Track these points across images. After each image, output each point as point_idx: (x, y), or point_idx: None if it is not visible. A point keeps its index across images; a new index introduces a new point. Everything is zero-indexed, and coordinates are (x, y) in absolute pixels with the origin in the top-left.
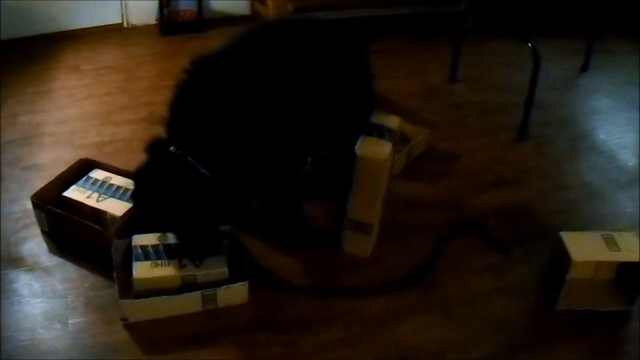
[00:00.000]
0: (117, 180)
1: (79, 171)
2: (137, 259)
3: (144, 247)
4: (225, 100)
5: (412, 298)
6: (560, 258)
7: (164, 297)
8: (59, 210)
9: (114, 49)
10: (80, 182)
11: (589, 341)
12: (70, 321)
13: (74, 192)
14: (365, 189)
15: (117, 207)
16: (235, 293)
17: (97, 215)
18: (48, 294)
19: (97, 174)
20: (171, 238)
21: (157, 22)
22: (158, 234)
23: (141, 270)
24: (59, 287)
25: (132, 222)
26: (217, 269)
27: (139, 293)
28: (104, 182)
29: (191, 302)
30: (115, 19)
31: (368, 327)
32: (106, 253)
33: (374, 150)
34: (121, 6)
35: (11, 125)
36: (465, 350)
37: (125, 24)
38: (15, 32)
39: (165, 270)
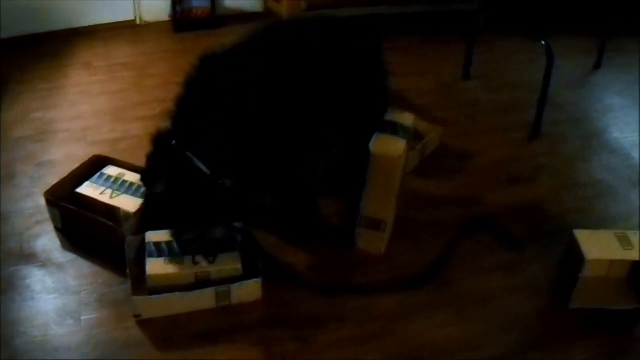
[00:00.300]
0: (131, 176)
1: (92, 168)
2: (150, 256)
3: (157, 244)
4: (229, 99)
5: (424, 296)
6: (574, 256)
7: (178, 293)
8: (72, 207)
9: (126, 46)
10: (94, 178)
11: (602, 340)
12: (83, 317)
13: (87, 189)
14: (379, 186)
15: (130, 204)
16: (249, 290)
17: (111, 211)
18: (61, 290)
19: (111, 171)
20: (185, 235)
21: (170, 19)
22: (171, 231)
23: (154, 266)
24: (72, 284)
25: (142, 218)
26: (230, 265)
27: (152, 290)
28: (117, 179)
29: (205, 299)
30: (128, 16)
31: (381, 324)
32: (119, 249)
33: (389, 147)
34: (134, 3)
35: (24, 121)
36: (477, 348)
37: (138, 21)
38: (28, 28)
39: (178, 267)
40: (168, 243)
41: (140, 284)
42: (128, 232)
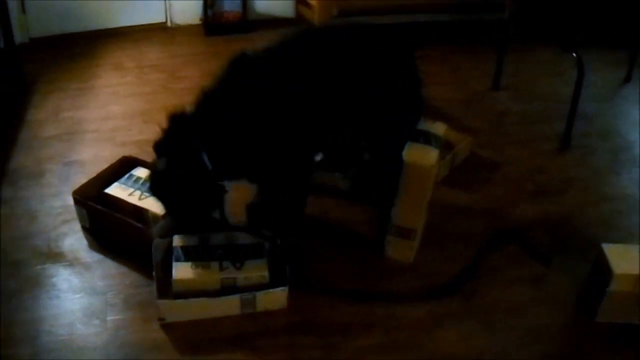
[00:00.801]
0: None
1: (121, 169)
2: (178, 260)
3: (184, 248)
4: (253, 100)
5: (452, 306)
6: (601, 270)
7: (203, 299)
8: (100, 207)
9: (157, 48)
10: (123, 179)
11: (628, 355)
12: (108, 318)
13: (115, 189)
14: (411, 194)
15: (159, 206)
16: (275, 298)
17: (139, 213)
18: (87, 290)
19: (140, 172)
20: (212, 239)
21: (201, 22)
22: (199, 235)
23: (181, 271)
24: (99, 284)
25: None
26: (257, 272)
27: (178, 294)
28: (146, 181)
29: (230, 305)
30: (160, 18)
31: (408, 333)
32: (146, 251)
33: (422, 156)
34: (165, 5)
35: (53, 120)
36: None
37: (169, 23)
38: (59, 28)
39: (205, 272)
40: (195, 247)
41: (166, 287)
42: (156, 234)
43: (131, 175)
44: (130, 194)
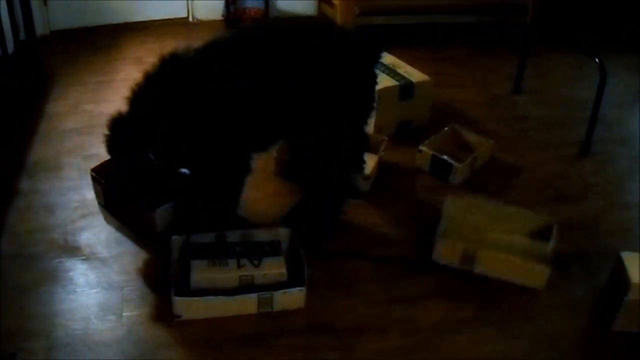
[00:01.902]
0: None
1: None
2: (194, 257)
3: (201, 245)
4: (185, 98)
5: (469, 310)
6: (619, 279)
7: (220, 297)
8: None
9: (178, 43)
10: None
11: None
12: (124, 314)
13: None
14: None
15: None
16: (293, 298)
17: None
18: (104, 285)
19: None
20: (229, 236)
21: (222, 18)
22: (215, 233)
23: (198, 268)
24: (116, 279)
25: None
26: (275, 269)
27: (195, 291)
28: None
29: (247, 304)
30: (181, 13)
31: (424, 337)
32: (151, 233)
33: None
34: (187, 0)
35: (73, 113)
36: None
37: (190, 19)
38: (80, 21)
39: (222, 270)
40: (212, 245)
41: (183, 284)
42: (160, 217)
43: None
44: None
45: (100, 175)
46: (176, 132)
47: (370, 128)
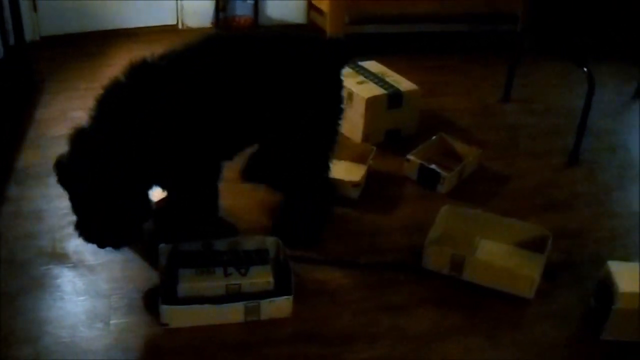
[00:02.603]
0: None
1: None
2: (182, 265)
3: (189, 253)
4: (151, 112)
5: (457, 318)
6: (607, 288)
7: (207, 305)
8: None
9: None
10: None
11: None
12: (112, 321)
13: None
14: None
15: (156, 193)
16: (280, 306)
17: None
18: (91, 293)
19: None
20: (216, 245)
21: (212, 26)
22: (202, 241)
23: (186, 277)
24: (103, 287)
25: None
26: (262, 278)
27: (183, 299)
28: None
29: (233, 313)
30: (171, 20)
31: (412, 346)
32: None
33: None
34: (177, 7)
35: (62, 120)
36: None
37: (180, 26)
38: (70, 27)
39: (209, 278)
40: (200, 253)
41: (170, 292)
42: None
43: None
44: None
45: None
46: (153, 140)
47: (357, 137)
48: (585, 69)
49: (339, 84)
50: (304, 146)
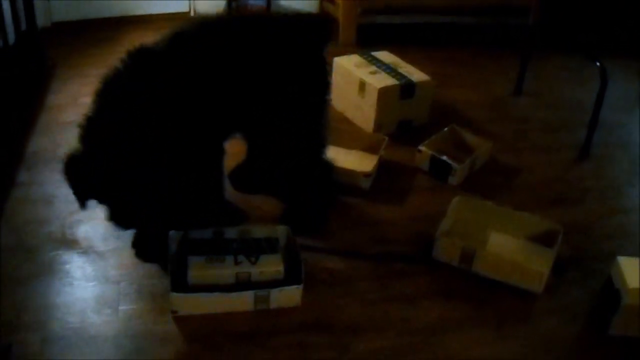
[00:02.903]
0: None
1: None
2: (192, 253)
3: (199, 241)
4: (156, 100)
5: (466, 311)
6: (616, 283)
7: (217, 293)
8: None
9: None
10: None
11: None
12: (121, 308)
13: None
14: None
15: None
16: (289, 295)
17: None
18: (100, 279)
19: None
20: (227, 233)
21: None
22: (213, 229)
23: (196, 265)
24: (112, 273)
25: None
26: (272, 267)
27: (192, 287)
28: None
29: (243, 301)
30: (183, 8)
31: (420, 337)
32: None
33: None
34: None
35: (73, 106)
36: None
37: (192, 13)
38: (81, 13)
39: (219, 266)
40: (210, 241)
41: (180, 279)
42: None
43: None
44: None
45: None
46: (154, 123)
47: (369, 127)
48: (598, 64)
49: (322, 61)
50: (295, 124)
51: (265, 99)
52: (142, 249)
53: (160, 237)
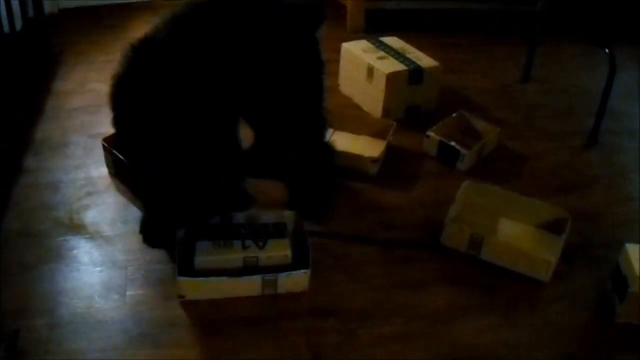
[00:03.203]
0: None
1: None
2: (199, 237)
3: (207, 226)
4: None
5: (474, 297)
6: (624, 270)
7: (224, 278)
8: (120, 156)
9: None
10: None
11: None
12: (128, 293)
13: None
14: None
15: None
16: (297, 280)
17: None
18: (108, 264)
19: None
20: (234, 218)
21: None
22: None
23: (203, 249)
24: (120, 258)
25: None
26: (280, 252)
27: (199, 272)
28: None
29: (251, 286)
30: None
31: (427, 323)
32: None
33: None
34: None
35: (80, 92)
36: (519, 356)
37: None
38: (88, 0)
39: (227, 251)
40: (217, 225)
41: (187, 264)
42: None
43: None
44: None
45: (111, 145)
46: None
47: (377, 112)
48: (607, 50)
49: (315, 42)
50: (294, 106)
51: (262, 82)
52: (150, 235)
53: (168, 223)
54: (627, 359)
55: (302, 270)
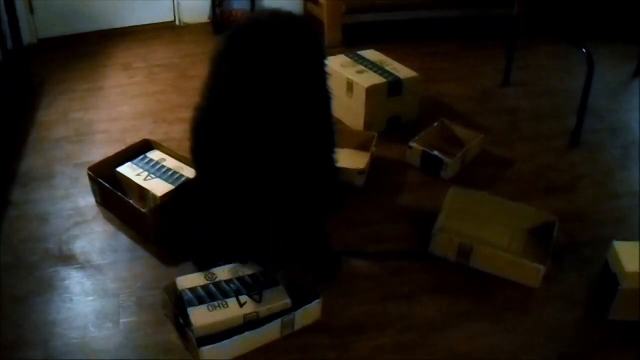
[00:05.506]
0: (171, 163)
1: (139, 150)
2: (191, 305)
3: (193, 290)
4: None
5: (465, 304)
6: (613, 268)
7: (247, 334)
8: (106, 185)
9: (166, 47)
10: (136, 160)
11: None
12: (122, 320)
13: (126, 169)
14: None
15: (160, 188)
16: (311, 312)
17: (143, 193)
18: (100, 293)
19: (154, 155)
20: (220, 276)
21: (209, 21)
22: (204, 273)
23: (200, 316)
24: (111, 286)
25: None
26: (279, 301)
27: (201, 339)
28: (157, 163)
29: (272, 332)
30: (168, 17)
31: (421, 333)
32: (145, 230)
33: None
34: (174, 4)
35: (63, 122)
36: (515, 358)
37: (177, 22)
38: (68, 29)
39: (225, 312)
40: (204, 287)
41: (186, 331)
42: (150, 214)
43: (145, 157)
44: (138, 174)
45: (96, 175)
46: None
47: (359, 126)
48: (584, 50)
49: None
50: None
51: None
52: (200, 259)
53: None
54: (621, 355)
55: (315, 302)
